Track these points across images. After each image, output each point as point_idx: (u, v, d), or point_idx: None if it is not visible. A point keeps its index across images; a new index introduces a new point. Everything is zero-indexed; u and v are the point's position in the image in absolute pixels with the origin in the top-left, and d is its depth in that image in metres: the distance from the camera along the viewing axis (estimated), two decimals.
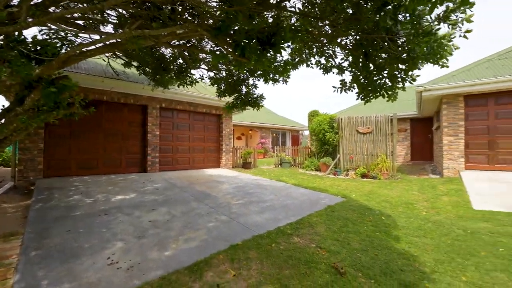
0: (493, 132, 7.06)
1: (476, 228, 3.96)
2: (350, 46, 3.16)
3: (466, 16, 2.28)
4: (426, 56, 2.50)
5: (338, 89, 3.54)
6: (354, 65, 3.17)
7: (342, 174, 8.76)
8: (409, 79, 2.99)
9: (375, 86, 3.11)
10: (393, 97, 3.24)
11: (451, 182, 6.49)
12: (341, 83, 3.48)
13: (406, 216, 4.61)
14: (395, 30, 2.55)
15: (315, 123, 10.31)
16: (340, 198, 5.81)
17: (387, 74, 3.05)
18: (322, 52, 3.69)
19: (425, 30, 2.37)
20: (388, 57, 2.72)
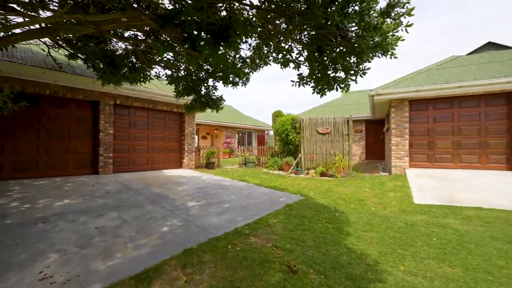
0: (432, 134, 7.92)
1: (415, 220, 4.39)
2: (305, 41, 3.25)
3: (406, 10, 2.49)
4: (373, 49, 2.67)
5: (296, 83, 3.63)
6: (309, 60, 3.27)
7: (303, 173, 9.07)
8: (360, 72, 3.19)
9: (329, 80, 3.26)
10: (346, 88, 3.42)
11: (397, 179, 7.13)
12: (298, 78, 3.57)
13: (357, 212, 4.92)
14: (344, 26, 2.69)
15: (279, 123, 10.52)
16: (299, 197, 5.99)
17: (340, 68, 3.21)
18: (279, 49, 3.75)
19: (371, 25, 2.54)
20: (340, 51, 2.86)
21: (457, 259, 3.14)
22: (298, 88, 3.56)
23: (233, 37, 2.45)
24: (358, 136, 13.83)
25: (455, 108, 7.68)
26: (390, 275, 2.79)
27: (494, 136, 7.23)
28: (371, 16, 2.70)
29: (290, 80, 3.73)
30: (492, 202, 4.93)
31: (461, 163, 7.54)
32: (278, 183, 7.55)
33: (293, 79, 3.78)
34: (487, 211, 4.51)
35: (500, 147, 7.17)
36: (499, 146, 7.17)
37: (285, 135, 10.01)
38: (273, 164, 10.45)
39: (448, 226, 4.09)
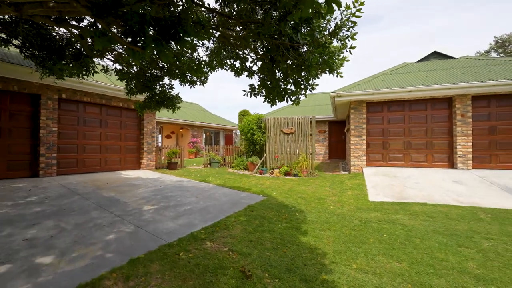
0: (386, 134, 8.46)
1: (369, 217, 4.57)
2: (260, 51, 3.17)
3: (351, 34, 2.54)
4: (320, 65, 2.69)
5: (248, 93, 3.52)
6: (262, 70, 3.19)
7: (267, 173, 9.07)
8: (309, 87, 3.21)
9: (280, 91, 3.21)
10: (297, 102, 3.43)
11: (355, 178, 7.46)
12: (250, 88, 3.47)
13: (317, 211, 5.00)
14: (296, 40, 2.65)
15: (244, 122, 10.40)
16: (262, 197, 5.92)
17: (291, 81, 3.18)
18: (236, 55, 3.62)
19: (320, 43, 2.54)
20: (291, 64, 2.82)
21: (404, 253, 3.30)
22: (249, 98, 3.44)
23: (181, 35, 2.24)
24: (322, 136, 14.32)
25: (406, 110, 8.28)
26: (343, 274, 2.81)
27: (438, 137, 7.95)
28: (321, 33, 2.72)
29: (242, 90, 3.62)
30: (435, 198, 5.36)
31: (411, 162, 8.16)
32: (242, 184, 7.43)
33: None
34: (431, 207, 4.88)
35: (442, 147, 7.90)
36: (442, 146, 7.91)
37: (250, 134, 9.93)
38: (239, 164, 10.31)
39: (398, 222, 4.33)
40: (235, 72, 3.58)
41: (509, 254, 3.28)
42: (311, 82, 3.18)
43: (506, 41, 16.64)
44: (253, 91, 3.49)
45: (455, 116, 7.63)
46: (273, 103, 3.40)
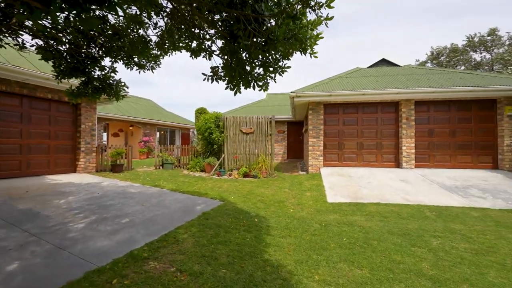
0: (341, 135, 8.74)
1: (328, 220, 4.48)
2: (218, 26, 2.72)
3: (327, 1, 2.25)
4: (290, 41, 2.36)
5: (208, 77, 3.05)
6: (223, 50, 2.77)
7: (226, 175, 8.62)
8: (279, 69, 2.88)
9: (246, 75, 2.83)
10: (265, 87, 3.08)
11: (313, 178, 7.50)
12: (212, 71, 3.01)
13: (277, 215, 4.75)
14: (260, 10, 2.29)
15: (202, 121, 9.77)
16: (218, 202, 5.47)
17: (258, 63, 2.83)
18: (192, 33, 3.11)
19: (289, 13, 2.21)
20: (256, 41, 2.45)
21: (364, 258, 3.21)
22: (211, 83, 3.01)
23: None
24: (280, 136, 14.40)
25: (359, 113, 8.67)
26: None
27: (386, 139, 8.49)
28: (289, 1, 2.38)
29: (202, 73, 3.14)
30: (387, 197, 5.58)
31: (363, 162, 8.56)
32: (197, 187, 6.84)
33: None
34: (384, 206, 5.03)
35: (390, 148, 8.46)
36: (390, 147, 8.47)
37: (208, 133, 9.35)
38: (195, 165, 9.63)
39: (356, 224, 4.31)
40: (191, 52, 3.07)
41: (455, 251, 3.44)
42: (281, 64, 2.85)
43: (439, 53, 19.04)
44: (214, 75, 3.02)
45: (401, 119, 8.23)
46: (237, 90, 2.98)
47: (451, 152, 8.14)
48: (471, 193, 5.72)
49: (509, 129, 7.58)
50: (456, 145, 8.12)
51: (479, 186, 6.18)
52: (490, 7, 36.77)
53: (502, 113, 7.67)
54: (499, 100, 7.76)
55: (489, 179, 6.78)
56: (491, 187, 6.13)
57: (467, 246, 3.59)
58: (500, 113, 7.76)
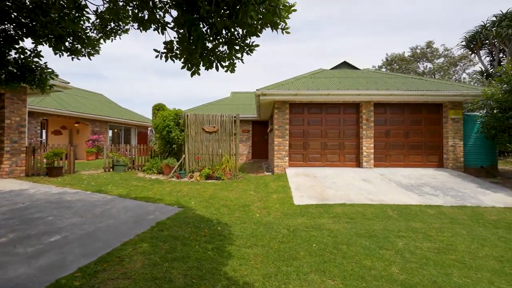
0: (306, 136, 8.73)
1: (296, 225, 4.24)
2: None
3: None
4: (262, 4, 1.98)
5: (161, 54, 2.51)
6: (178, 21, 2.27)
7: (186, 177, 7.96)
8: (247, 48, 2.48)
9: (208, 53, 2.37)
10: (231, 68, 2.65)
11: (279, 179, 7.30)
12: (165, 47, 2.47)
13: (242, 221, 4.36)
14: None
15: (159, 118, 8.91)
16: (176, 209, 4.88)
17: (223, 40, 2.39)
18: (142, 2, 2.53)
19: None
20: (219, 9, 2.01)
21: (335, 266, 3.00)
22: (165, 61, 2.45)
23: None
24: (245, 136, 14.07)
25: (323, 113, 8.75)
26: None
27: (348, 139, 8.72)
28: None
29: (153, 49, 2.58)
30: (351, 197, 5.59)
31: (327, 162, 8.67)
32: (153, 192, 6.11)
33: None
34: (350, 207, 5.00)
35: (352, 148, 8.71)
36: (351, 147, 8.71)
37: (166, 132, 8.55)
38: (151, 166, 8.75)
39: (324, 227, 4.14)
40: (139, 23, 2.48)
41: (420, 251, 3.45)
42: (248, 41, 2.45)
43: (393, 60, 20.73)
44: (169, 52, 2.48)
45: (361, 120, 8.51)
46: (195, 70, 2.49)
47: (404, 152, 8.68)
48: (425, 191, 6.06)
49: (453, 131, 8.34)
50: (409, 145, 8.68)
51: (430, 184, 6.61)
52: (426, 22, 41.58)
53: (447, 116, 8.41)
54: (444, 104, 8.50)
55: (438, 177, 7.33)
56: (440, 184, 6.60)
57: (429, 245, 3.64)
58: (445, 116, 8.51)
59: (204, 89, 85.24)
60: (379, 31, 48.69)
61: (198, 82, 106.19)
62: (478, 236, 3.92)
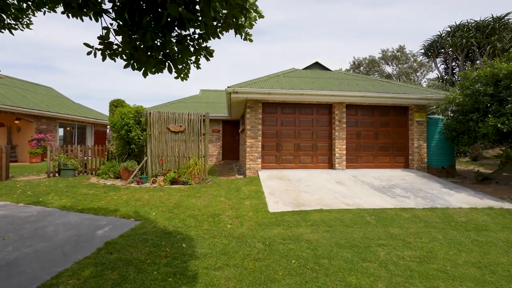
0: (279, 136, 8.41)
1: (272, 236, 3.82)
2: None
3: None
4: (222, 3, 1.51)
5: (95, 51, 1.88)
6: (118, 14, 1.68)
7: (148, 182, 7.12)
8: (203, 51, 1.99)
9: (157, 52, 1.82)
10: (184, 74, 2.14)
11: (252, 183, 6.85)
12: (101, 42, 1.84)
13: (211, 235, 3.81)
14: None
15: (118, 115, 7.89)
16: (133, 222, 4.16)
17: (175, 40, 1.86)
18: None
19: None
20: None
21: (318, 287, 2.64)
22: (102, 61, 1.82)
23: None
24: (215, 136, 13.40)
25: (296, 113, 8.51)
26: None
27: (321, 140, 8.60)
28: None
29: (83, 43, 1.92)
30: (327, 201, 5.36)
31: (300, 164, 8.44)
32: (106, 201, 5.24)
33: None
34: (327, 213, 4.73)
35: (324, 149, 8.60)
36: (324, 148, 8.60)
37: (125, 131, 7.58)
38: (107, 170, 7.71)
39: (302, 238, 3.78)
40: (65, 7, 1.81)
41: (402, 262, 3.25)
42: (205, 45, 1.96)
43: (359, 64, 21.64)
44: (106, 48, 1.86)
45: (334, 121, 8.44)
46: (145, 71, 1.91)
47: (374, 153, 8.82)
48: (396, 193, 6.07)
49: (418, 133, 8.67)
50: (378, 147, 8.84)
51: (400, 185, 6.69)
52: (390, 32, 44.65)
53: (413, 119, 8.73)
54: (410, 107, 8.81)
55: (406, 178, 7.50)
56: (409, 185, 6.71)
57: (410, 253, 3.47)
58: (411, 118, 8.82)
59: (172, 88, 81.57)
60: (347, 36, 51.00)
61: (164, 79, 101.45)
62: (453, 241, 3.87)
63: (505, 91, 6.18)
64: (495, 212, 5.09)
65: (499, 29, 12.35)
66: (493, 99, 6.37)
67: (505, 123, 5.87)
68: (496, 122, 5.97)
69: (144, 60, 1.85)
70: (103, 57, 1.93)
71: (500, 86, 6.30)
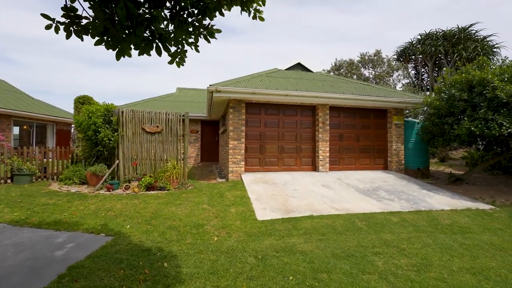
0: (263, 138, 8.14)
1: (264, 249, 3.51)
2: None
3: None
4: None
5: (59, 25, 1.44)
6: None
7: (120, 188, 6.44)
8: (204, 31, 1.64)
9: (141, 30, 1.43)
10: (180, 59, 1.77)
11: (236, 187, 6.48)
12: (66, 14, 1.41)
13: (197, 250, 3.40)
14: None
15: (84, 114, 7.06)
16: (103, 238, 3.60)
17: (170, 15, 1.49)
18: None
19: None
20: None
21: None
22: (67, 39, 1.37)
23: None
24: (193, 137, 12.79)
25: (280, 115, 8.30)
26: None
27: (305, 142, 8.48)
28: None
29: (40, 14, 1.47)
30: (316, 207, 5.18)
31: (284, 166, 8.25)
32: (70, 213, 4.56)
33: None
34: (318, 220, 4.53)
35: (308, 151, 8.50)
36: (308, 150, 8.50)
37: (93, 131, 6.80)
38: (72, 175, 6.86)
39: (296, 249, 3.52)
40: None
41: (401, 272, 3.12)
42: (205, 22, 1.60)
43: (340, 66, 22.16)
44: (73, 23, 1.42)
45: (318, 123, 8.37)
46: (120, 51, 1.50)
47: (355, 156, 8.91)
48: (381, 196, 6.09)
49: (396, 135, 8.91)
50: (360, 149, 8.95)
51: (383, 188, 6.75)
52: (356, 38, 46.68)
53: (391, 122, 8.95)
54: (389, 110, 9.03)
55: (387, 180, 7.63)
56: (392, 188, 6.80)
57: (407, 261, 3.37)
58: (389, 121, 9.04)
59: (145, 85, 77.82)
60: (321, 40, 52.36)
61: (137, 75, 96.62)
62: (444, 245, 3.86)
63: (478, 97, 6.49)
64: (473, 213, 5.27)
65: (464, 39, 13.32)
66: (467, 104, 6.66)
67: (478, 126, 6.14)
68: (470, 126, 6.23)
69: (121, 38, 1.44)
70: (67, 33, 1.48)
71: (474, 92, 6.61)
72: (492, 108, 6.15)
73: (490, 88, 6.12)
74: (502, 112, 5.96)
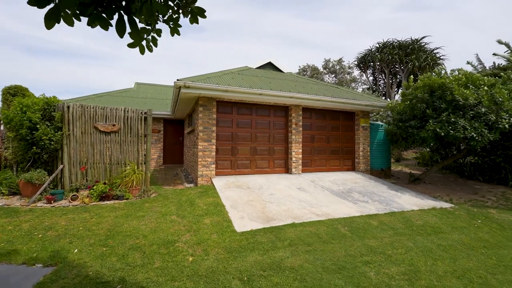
0: (235, 139, 7.65)
1: (249, 268, 3.06)
2: None
3: None
4: None
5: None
6: None
7: (66, 199, 5.35)
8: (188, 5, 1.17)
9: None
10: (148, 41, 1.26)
11: (207, 194, 5.88)
12: None
13: (169, 277, 2.80)
14: None
15: (16, 108, 5.72)
16: (42, 270, 2.77)
17: None
18: None
19: None
20: None
21: None
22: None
23: None
24: (155, 137, 11.67)
25: (253, 115, 7.91)
26: None
27: (278, 144, 8.22)
28: None
29: None
30: (296, 212, 4.91)
31: (257, 169, 7.87)
32: None
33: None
34: (301, 228, 4.24)
35: (281, 153, 8.26)
36: (281, 152, 8.26)
37: (27, 129, 5.54)
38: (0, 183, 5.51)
39: (284, 266, 3.15)
40: None
41: (394, 282, 2.96)
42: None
43: (305, 69, 22.66)
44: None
45: (291, 124, 8.19)
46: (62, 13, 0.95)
47: (326, 157, 8.96)
48: (355, 198, 6.10)
49: (363, 137, 9.22)
50: (330, 150, 9.03)
51: (356, 189, 6.82)
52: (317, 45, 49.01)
53: (359, 124, 9.23)
54: (356, 113, 9.30)
55: (357, 181, 7.78)
56: (363, 189, 6.91)
57: (397, 269, 3.24)
58: (357, 124, 9.32)
59: (98, 79, 70.52)
60: (282, 43, 53.53)
61: (87, 68, 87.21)
62: (424, 248, 3.87)
63: (438, 101, 6.95)
64: (438, 213, 5.55)
65: (417, 49, 14.64)
66: (429, 107, 7.09)
67: (442, 128, 6.53)
68: (435, 127, 6.61)
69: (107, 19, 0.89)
70: None
71: (434, 96, 7.07)
72: (451, 110, 6.61)
73: (449, 92, 6.59)
74: (463, 115, 6.42)
